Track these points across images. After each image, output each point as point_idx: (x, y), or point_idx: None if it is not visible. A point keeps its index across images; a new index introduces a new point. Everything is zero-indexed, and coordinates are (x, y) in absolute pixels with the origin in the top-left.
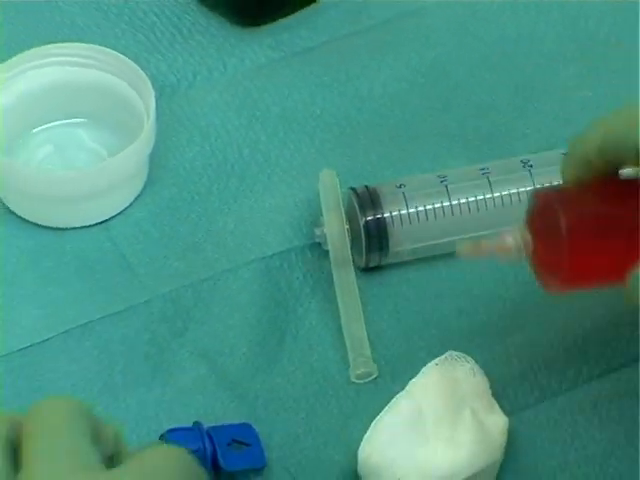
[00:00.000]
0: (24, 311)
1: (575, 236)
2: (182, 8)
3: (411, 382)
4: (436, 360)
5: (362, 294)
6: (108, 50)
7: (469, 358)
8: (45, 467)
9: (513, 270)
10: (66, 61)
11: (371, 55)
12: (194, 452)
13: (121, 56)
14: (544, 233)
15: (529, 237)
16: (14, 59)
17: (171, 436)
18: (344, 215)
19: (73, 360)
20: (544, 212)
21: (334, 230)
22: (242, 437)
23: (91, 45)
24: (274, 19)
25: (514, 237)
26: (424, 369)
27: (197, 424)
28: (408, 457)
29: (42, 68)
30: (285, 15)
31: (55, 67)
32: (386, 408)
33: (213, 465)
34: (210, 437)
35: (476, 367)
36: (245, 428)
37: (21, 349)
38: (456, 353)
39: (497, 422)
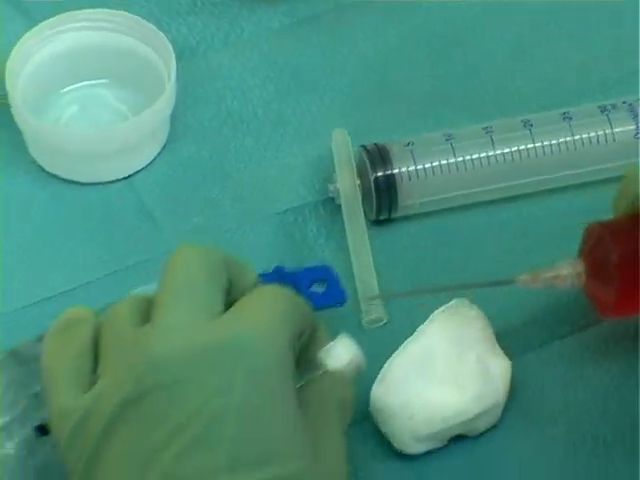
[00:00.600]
0: (51, 261)
1: (625, 269)
2: None
3: (420, 327)
4: (443, 307)
5: (373, 245)
6: (131, 15)
7: (474, 305)
8: (168, 313)
9: (517, 222)
10: (92, 26)
11: (377, 21)
12: None
13: (144, 21)
14: (597, 265)
15: (582, 268)
16: (43, 24)
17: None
18: (355, 171)
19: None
20: (597, 245)
21: (346, 184)
22: (322, 276)
23: (116, 11)
24: None
25: (569, 268)
26: (432, 315)
27: (279, 268)
28: (418, 397)
29: (69, 32)
30: None
31: (82, 31)
32: (397, 351)
33: None
34: (291, 279)
35: (481, 314)
36: (324, 270)
37: (48, 297)
38: (461, 300)
39: (501, 365)
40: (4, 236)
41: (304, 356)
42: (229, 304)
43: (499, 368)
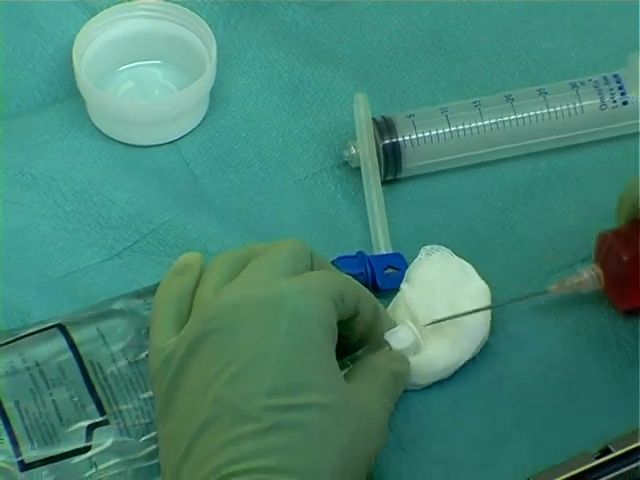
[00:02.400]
0: (112, 212)
1: (634, 267)
2: None
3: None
4: (421, 253)
5: None
6: (178, 6)
7: (444, 247)
8: (249, 274)
9: (501, 181)
10: (145, 14)
11: (385, 13)
12: (358, 275)
13: (188, 10)
14: (611, 267)
15: (600, 272)
16: (105, 12)
17: (340, 262)
18: (372, 127)
19: (158, 259)
20: (608, 250)
21: (365, 138)
22: (394, 263)
23: (165, 2)
24: None
25: (589, 273)
26: (415, 260)
27: (360, 253)
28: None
29: (127, 20)
30: None
31: (137, 19)
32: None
33: (372, 285)
34: (370, 263)
35: (448, 251)
36: (396, 256)
37: (108, 258)
38: (433, 246)
39: (478, 288)
40: (70, 189)
41: (371, 335)
42: None
43: (475, 297)
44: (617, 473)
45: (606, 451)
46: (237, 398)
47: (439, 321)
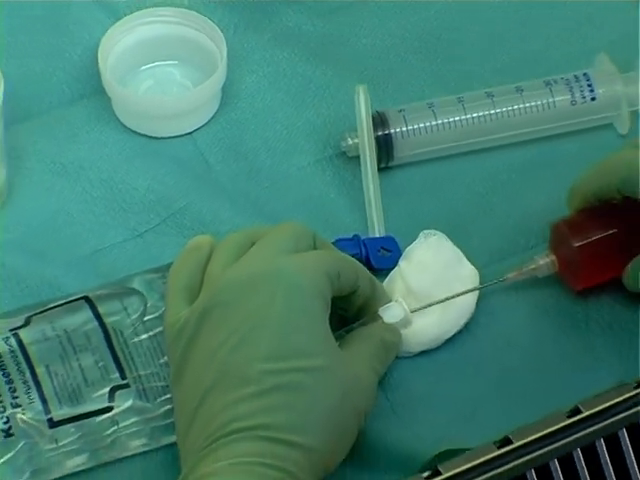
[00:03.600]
0: (134, 197)
1: (583, 252)
2: None
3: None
4: (419, 237)
5: None
6: (193, 12)
7: (440, 233)
8: (254, 253)
9: (481, 169)
10: (163, 20)
11: (379, 15)
12: (353, 255)
13: (201, 15)
14: (563, 252)
15: (554, 257)
16: (128, 17)
17: (338, 244)
18: (371, 116)
19: (176, 239)
20: (561, 238)
21: (365, 127)
22: (387, 245)
23: (181, 9)
24: None
25: (543, 260)
26: (415, 242)
27: (356, 236)
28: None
29: (147, 25)
30: None
31: (156, 24)
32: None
33: (367, 264)
34: (365, 245)
35: (444, 236)
36: (389, 239)
37: (131, 237)
38: (431, 231)
39: (470, 271)
40: (96, 177)
41: (367, 308)
42: None
43: (469, 278)
44: (586, 432)
45: (576, 411)
46: (238, 364)
47: (428, 306)
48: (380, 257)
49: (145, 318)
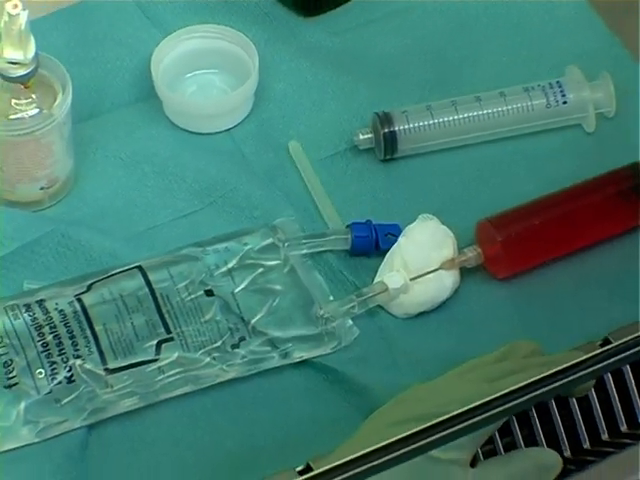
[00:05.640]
0: (182, 186)
1: (505, 245)
2: (273, 9)
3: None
4: (418, 219)
5: (381, 174)
6: (230, 28)
7: (435, 217)
8: None
9: (471, 161)
10: (205, 35)
11: (385, 33)
12: (365, 237)
13: (238, 32)
14: (488, 246)
15: (480, 251)
16: (175, 33)
17: (354, 226)
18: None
19: (216, 220)
20: (486, 234)
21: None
22: (392, 231)
23: (220, 26)
24: (326, 11)
25: (471, 252)
26: (414, 223)
27: (369, 221)
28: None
29: (191, 39)
30: (333, 8)
31: (199, 39)
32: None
33: (376, 246)
34: (375, 230)
35: (438, 221)
36: (395, 226)
37: (177, 217)
38: (428, 215)
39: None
40: (150, 169)
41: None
42: None
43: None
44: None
45: (607, 341)
46: None
47: (423, 275)
48: (386, 240)
49: (188, 284)
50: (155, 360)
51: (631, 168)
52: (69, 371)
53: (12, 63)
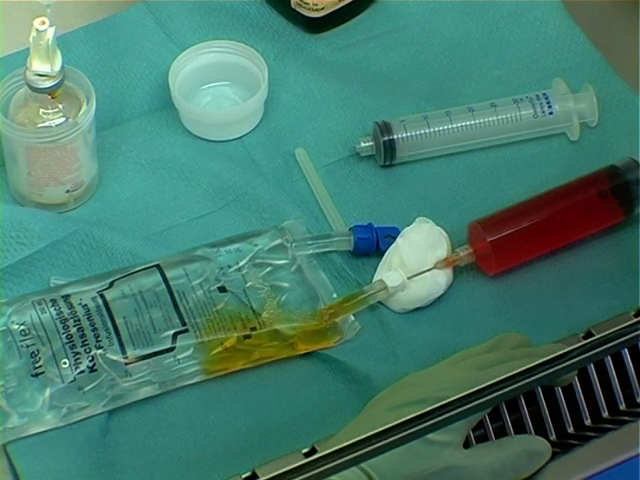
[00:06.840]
0: (197, 190)
1: (494, 244)
2: (281, 26)
3: (404, 230)
4: (415, 222)
5: (381, 179)
6: (242, 44)
7: (431, 221)
8: None
9: (464, 167)
10: (218, 50)
11: (385, 48)
12: (366, 239)
13: (248, 47)
14: (479, 246)
15: (471, 250)
16: (191, 48)
17: (356, 229)
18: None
19: (229, 222)
20: (477, 235)
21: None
22: (392, 233)
23: (233, 41)
24: (330, 28)
25: (463, 252)
26: (411, 225)
27: (370, 224)
28: (403, 292)
29: (206, 54)
30: (337, 26)
31: (213, 54)
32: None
33: (376, 247)
34: (376, 232)
35: (433, 223)
36: (394, 229)
37: (193, 219)
38: (424, 218)
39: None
40: (168, 174)
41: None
42: None
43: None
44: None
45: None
46: None
47: (416, 275)
48: (386, 241)
49: (202, 281)
50: (172, 349)
51: (609, 170)
52: (91, 361)
53: (40, 75)
